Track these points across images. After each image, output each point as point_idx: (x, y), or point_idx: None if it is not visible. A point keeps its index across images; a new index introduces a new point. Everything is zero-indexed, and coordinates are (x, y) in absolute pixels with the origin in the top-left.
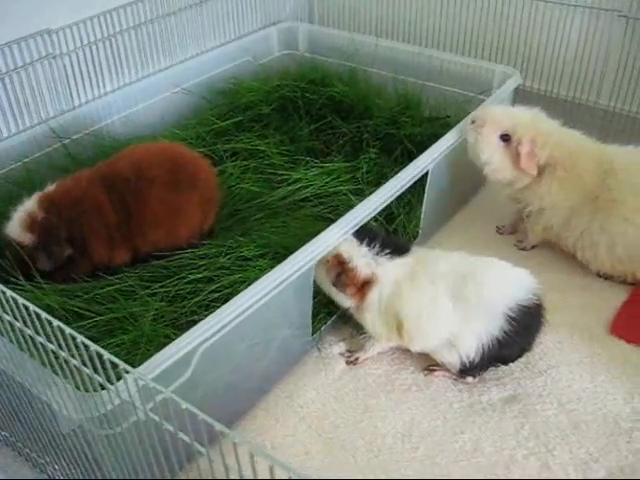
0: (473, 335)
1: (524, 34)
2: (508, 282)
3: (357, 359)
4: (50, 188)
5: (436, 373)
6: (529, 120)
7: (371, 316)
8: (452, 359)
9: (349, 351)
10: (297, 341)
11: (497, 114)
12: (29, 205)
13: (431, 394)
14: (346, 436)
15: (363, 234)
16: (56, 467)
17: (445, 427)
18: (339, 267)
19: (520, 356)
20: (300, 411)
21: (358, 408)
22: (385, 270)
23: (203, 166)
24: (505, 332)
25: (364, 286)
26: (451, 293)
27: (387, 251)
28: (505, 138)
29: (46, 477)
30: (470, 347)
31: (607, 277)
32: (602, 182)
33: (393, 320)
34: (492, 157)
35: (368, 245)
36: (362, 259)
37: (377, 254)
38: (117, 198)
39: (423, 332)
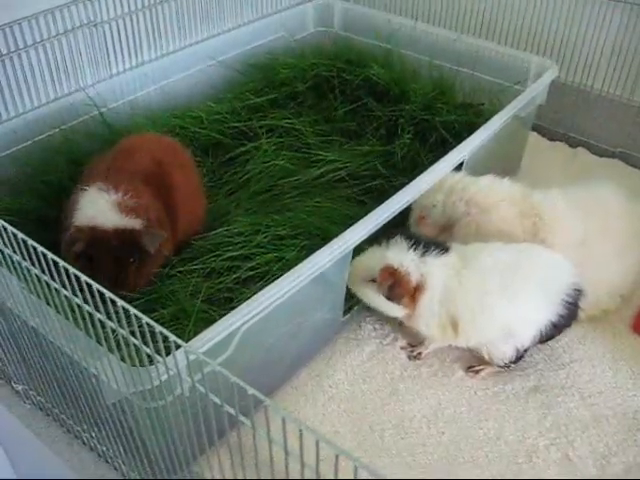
0: (532, 324)
1: (562, 26)
2: (558, 267)
3: (420, 354)
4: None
5: (482, 373)
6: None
7: (425, 320)
8: (507, 349)
9: (410, 345)
10: (329, 322)
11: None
12: (114, 196)
13: (456, 381)
14: (374, 417)
15: (405, 238)
16: (92, 434)
17: (470, 414)
18: (391, 278)
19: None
20: (329, 391)
21: (385, 390)
22: (433, 271)
23: (185, 150)
24: (561, 316)
25: (415, 292)
26: (502, 285)
27: (431, 250)
28: None
29: (80, 442)
30: (527, 336)
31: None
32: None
33: (448, 321)
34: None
35: (413, 248)
36: (411, 263)
37: (423, 255)
38: (154, 191)
39: (479, 328)
